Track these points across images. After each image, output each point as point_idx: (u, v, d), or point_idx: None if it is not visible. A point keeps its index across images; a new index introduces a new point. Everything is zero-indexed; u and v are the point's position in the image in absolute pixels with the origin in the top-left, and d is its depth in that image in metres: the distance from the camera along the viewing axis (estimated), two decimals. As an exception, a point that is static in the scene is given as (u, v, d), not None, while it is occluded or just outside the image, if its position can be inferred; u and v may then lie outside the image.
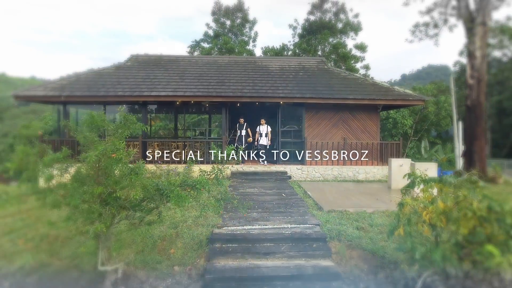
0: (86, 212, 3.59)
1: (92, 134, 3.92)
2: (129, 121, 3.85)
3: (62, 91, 10.58)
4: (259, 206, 7.16)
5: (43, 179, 4.19)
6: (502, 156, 38.17)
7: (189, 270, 5.09)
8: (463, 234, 3.48)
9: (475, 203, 3.50)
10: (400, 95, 11.23)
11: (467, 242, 3.51)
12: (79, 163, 4.10)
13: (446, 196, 3.66)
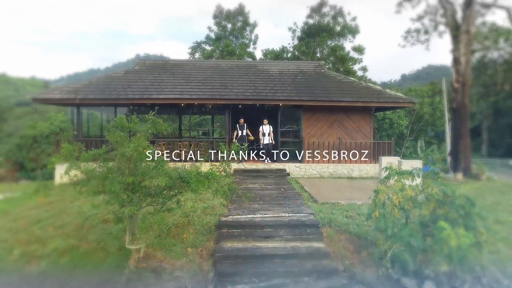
0: (121, 197, 4.44)
1: (123, 134, 4.77)
2: (157, 123, 4.71)
3: (76, 94, 11.45)
4: (260, 199, 8.02)
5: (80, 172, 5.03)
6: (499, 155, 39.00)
7: (200, 251, 5.96)
8: (426, 215, 4.35)
9: (435, 189, 4.36)
10: (391, 98, 12.10)
11: (429, 221, 4.38)
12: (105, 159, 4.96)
13: (406, 182, 4.52)
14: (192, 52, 39.82)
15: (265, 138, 12.01)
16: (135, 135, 5.03)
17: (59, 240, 6.51)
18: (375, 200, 4.59)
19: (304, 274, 5.16)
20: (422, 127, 27.81)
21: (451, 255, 3.77)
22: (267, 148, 12.07)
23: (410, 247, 4.19)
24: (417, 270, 4.47)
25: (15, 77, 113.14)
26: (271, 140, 12.06)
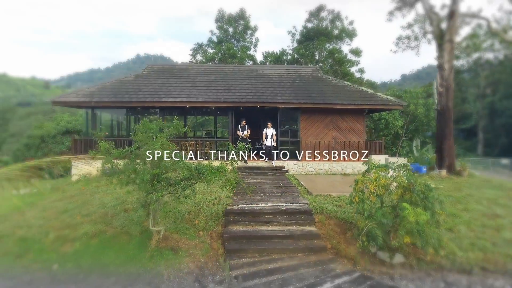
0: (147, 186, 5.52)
1: (148, 135, 5.86)
2: (178, 125, 5.79)
3: (92, 97, 12.53)
4: (261, 191, 9.11)
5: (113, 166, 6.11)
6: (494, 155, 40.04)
7: (210, 234, 7.05)
8: (395, 199, 5.44)
9: (403, 179, 5.44)
10: (382, 101, 13.18)
11: (398, 204, 5.46)
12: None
13: (384, 176, 5.60)
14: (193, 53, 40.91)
15: (267, 140, 12.84)
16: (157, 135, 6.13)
17: (88, 226, 7.60)
18: (355, 188, 5.67)
19: (298, 251, 6.24)
20: (417, 127, 28.91)
21: (411, 229, 4.85)
22: (269, 149, 12.95)
23: (382, 225, 5.27)
24: (389, 245, 5.56)
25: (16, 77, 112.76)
26: (273, 142, 12.87)
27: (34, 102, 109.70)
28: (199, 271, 5.81)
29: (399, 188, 5.38)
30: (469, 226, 6.47)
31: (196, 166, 5.49)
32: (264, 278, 5.31)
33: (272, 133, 12.87)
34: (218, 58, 27.41)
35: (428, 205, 5.08)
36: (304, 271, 5.53)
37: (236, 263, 5.81)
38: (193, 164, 5.99)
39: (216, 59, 27.65)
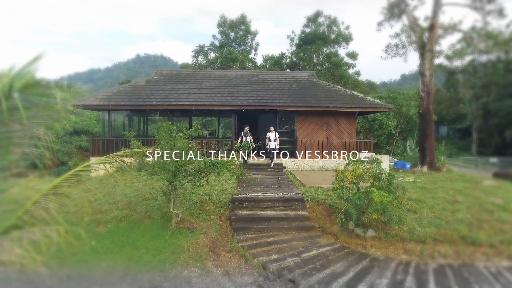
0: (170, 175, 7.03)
1: (169, 135, 7.37)
2: (197, 128, 7.30)
3: (109, 101, 14.04)
4: (261, 184, 10.62)
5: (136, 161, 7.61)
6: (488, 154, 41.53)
7: (219, 217, 8.56)
8: (368, 186, 6.96)
9: (374, 169, 6.95)
10: (370, 104, 14.69)
11: (369, 190, 6.97)
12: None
13: (361, 167, 7.11)
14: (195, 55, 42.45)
15: (271, 144, 13.73)
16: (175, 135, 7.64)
17: (116, 212, 9.11)
18: (336, 177, 7.19)
19: (292, 229, 7.75)
20: (411, 127, 30.44)
21: (378, 207, 6.37)
22: (272, 152, 13.87)
23: (356, 206, 6.79)
24: (363, 222, 7.08)
25: None
26: (276, 145, 13.75)
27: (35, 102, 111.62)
28: (212, 244, 7.32)
29: (370, 177, 6.89)
30: (431, 209, 7.98)
31: (210, 160, 7.00)
32: (264, 248, 6.82)
33: (274, 136, 13.76)
34: (221, 61, 28.91)
35: (392, 190, 6.60)
36: (295, 243, 7.04)
37: (242, 237, 7.32)
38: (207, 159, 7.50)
39: (218, 62, 29.14)
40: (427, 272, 5.68)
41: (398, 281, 5.39)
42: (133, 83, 16.17)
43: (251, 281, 5.76)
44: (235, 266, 6.33)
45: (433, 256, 6.24)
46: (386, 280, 5.40)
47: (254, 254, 6.54)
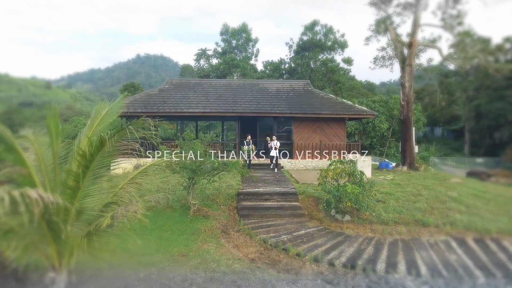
0: (190, 173, 9.15)
1: (193, 142, 9.49)
2: (213, 136, 9.37)
3: (128, 108, 16.13)
4: (262, 181, 12.74)
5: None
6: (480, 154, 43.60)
7: (228, 207, 10.68)
8: (345, 181, 9.09)
9: (349, 169, 9.08)
10: (358, 111, 16.81)
11: (345, 184, 9.09)
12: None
13: (341, 167, 9.23)
14: (197, 58, 44.55)
15: (272, 151, 15.30)
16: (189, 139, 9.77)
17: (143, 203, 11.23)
18: (321, 174, 9.32)
19: (286, 216, 9.87)
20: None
21: (350, 197, 8.49)
22: (273, 159, 15.44)
23: (335, 196, 8.91)
24: (341, 209, 9.20)
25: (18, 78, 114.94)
26: (277, 153, 15.27)
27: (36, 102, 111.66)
28: (223, 227, 9.43)
29: (346, 175, 9.01)
30: (397, 200, 10.10)
31: (222, 160, 9.12)
32: (265, 229, 8.95)
33: (276, 144, 15.24)
34: (223, 67, 31.01)
35: (362, 184, 8.72)
36: (289, 226, 9.16)
37: (247, 222, 9.45)
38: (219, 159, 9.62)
39: (221, 69, 31.24)
40: (384, 244, 7.81)
41: (361, 249, 7.51)
42: (147, 92, 18.28)
43: (254, 250, 7.89)
44: (242, 241, 8.45)
45: (391, 234, 8.36)
46: (352, 249, 7.53)
47: (257, 233, 8.66)
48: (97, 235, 4.85)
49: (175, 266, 7.34)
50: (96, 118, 5.65)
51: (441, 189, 11.32)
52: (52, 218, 4.34)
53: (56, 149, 5.28)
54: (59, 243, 4.87)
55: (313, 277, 6.50)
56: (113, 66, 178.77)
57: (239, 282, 6.48)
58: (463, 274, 6.25)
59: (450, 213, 9.07)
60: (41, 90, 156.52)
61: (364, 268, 6.56)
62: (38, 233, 4.86)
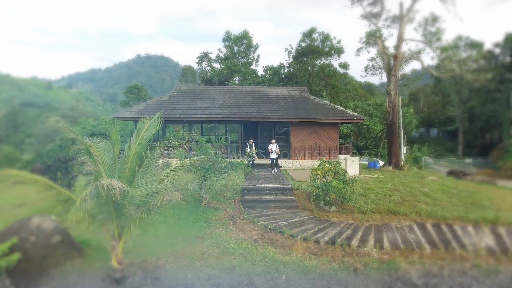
0: (203, 172, 11.19)
1: (205, 145, 11.52)
2: (222, 141, 11.44)
3: (142, 114, 18.11)
4: (263, 178, 14.77)
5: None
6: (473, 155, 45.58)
7: (234, 200, 12.72)
8: (332, 178, 11.14)
9: (335, 167, 11.12)
10: (349, 116, 18.83)
11: (331, 180, 11.14)
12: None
13: (328, 166, 11.27)
14: (199, 61, 46.57)
15: (272, 154, 16.94)
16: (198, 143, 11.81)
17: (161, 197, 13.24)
18: (312, 172, 11.35)
19: (283, 207, 11.90)
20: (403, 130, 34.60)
21: (335, 191, 10.53)
22: (273, 161, 17.07)
23: (323, 190, 10.95)
24: (328, 201, 11.24)
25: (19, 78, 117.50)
26: (276, 155, 16.90)
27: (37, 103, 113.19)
28: (230, 216, 11.46)
29: (332, 173, 11.04)
30: (376, 194, 12.12)
31: (230, 161, 11.15)
32: (265, 217, 10.97)
33: (275, 148, 16.88)
34: (225, 72, 33.03)
35: (345, 180, 10.75)
36: (285, 215, 11.19)
37: (250, 212, 11.48)
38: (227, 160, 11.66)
39: (223, 73, 33.25)
40: (361, 227, 9.83)
41: (341, 231, 9.54)
42: (158, 98, 20.32)
43: (256, 233, 9.92)
44: (246, 226, 10.49)
45: (368, 221, 10.39)
46: (335, 231, 9.56)
47: (258, 220, 10.70)
48: (147, 214, 6.87)
49: (194, 244, 9.38)
50: (141, 129, 7.67)
51: (416, 186, 13.35)
52: (118, 201, 6.36)
53: (116, 151, 7.29)
54: (121, 219, 6.91)
55: (302, 251, 8.54)
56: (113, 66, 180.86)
57: (245, 254, 8.51)
58: (415, 247, 8.29)
59: (418, 205, 11.09)
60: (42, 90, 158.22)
61: (341, 244, 8.59)
62: (105, 212, 6.89)
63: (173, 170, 7.78)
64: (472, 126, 50.09)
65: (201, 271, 7.76)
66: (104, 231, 7.39)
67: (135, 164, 7.24)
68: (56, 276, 7.48)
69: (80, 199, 5.76)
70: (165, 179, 7.56)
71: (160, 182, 7.53)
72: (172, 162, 9.04)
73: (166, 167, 8.38)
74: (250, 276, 7.37)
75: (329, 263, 7.74)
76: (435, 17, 16.63)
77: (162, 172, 7.86)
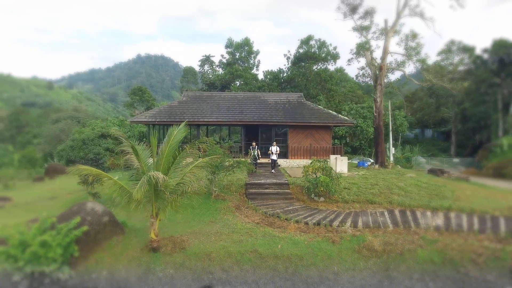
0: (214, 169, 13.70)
1: (215, 146, 14.02)
2: (230, 144, 13.87)
3: (155, 118, 20.65)
4: (263, 176, 17.28)
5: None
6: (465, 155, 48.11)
7: (239, 193, 15.24)
8: (320, 174, 13.68)
9: (323, 165, 13.65)
10: (340, 120, 21.33)
11: (320, 175, 13.67)
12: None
13: (318, 164, 13.79)
14: (201, 64, 49.07)
15: (273, 155, 19.25)
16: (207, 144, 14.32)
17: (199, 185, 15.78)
18: (304, 169, 13.86)
19: (280, 199, 14.41)
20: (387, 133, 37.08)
21: (322, 184, 13.06)
22: (273, 162, 19.53)
23: (313, 184, 13.47)
24: (318, 193, 13.75)
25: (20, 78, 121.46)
26: (277, 157, 19.28)
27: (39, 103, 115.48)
28: (236, 206, 13.95)
29: (321, 169, 13.54)
30: (358, 188, 14.62)
31: (237, 160, 13.65)
32: (265, 206, 13.48)
33: (276, 150, 19.20)
34: (228, 77, 35.54)
35: (331, 175, 13.26)
36: (281, 204, 13.70)
37: (253, 202, 13.99)
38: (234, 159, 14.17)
39: (225, 78, 35.76)
40: (342, 213, 12.34)
41: (326, 216, 12.04)
42: (169, 104, 22.85)
43: (258, 218, 12.41)
44: (250, 213, 12.98)
45: (349, 208, 12.89)
46: (321, 216, 12.07)
47: (260, 208, 13.20)
48: (179, 197, 9.38)
49: (208, 226, 11.88)
50: (171, 134, 10.12)
51: (394, 181, 15.84)
52: (159, 188, 8.86)
53: (154, 152, 9.79)
54: (158, 202, 9.41)
55: (294, 229, 11.04)
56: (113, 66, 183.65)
57: (250, 232, 10.99)
58: (381, 226, 10.79)
59: (392, 196, 13.59)
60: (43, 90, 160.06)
61: (325, 224, 11.10)
62: (147, 196, 9.38)
63: (195, 166, 10.26)
64: (464, 127, 52.74)
65: (216, 243, 10.25)
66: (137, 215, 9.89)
67: (169, 161, 9.74)
68: (106, 247, 9.99)
69: (139, 185, 8.27)
70: (189, 173, 10.03)
71: (185, 175, 10.01)
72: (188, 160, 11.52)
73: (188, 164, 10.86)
74: (254, 246, 9.85)
75: (314, 237, 10.24)
76: (415, 34, 19.14)
77: (186, 167, 10.34)
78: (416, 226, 10.59)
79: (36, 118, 79.21)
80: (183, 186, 9.89)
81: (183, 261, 9.44)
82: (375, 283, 8.47)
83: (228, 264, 9.29)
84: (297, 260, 9.18)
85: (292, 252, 9.39)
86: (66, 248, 8.69)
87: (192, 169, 10.15)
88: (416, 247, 9.10)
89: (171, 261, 9.47)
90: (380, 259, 8.98)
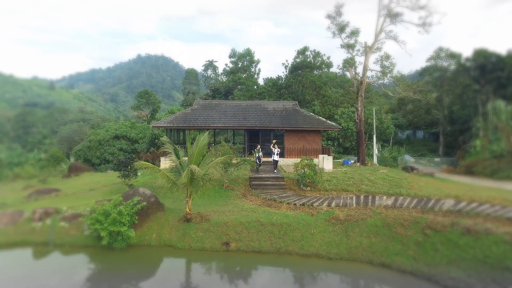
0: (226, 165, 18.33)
1: (225, 148, 18.64)
2: (239, 147, 18.48)
3: (173, 124, 25.24)
4: (264, 171, 21.90)
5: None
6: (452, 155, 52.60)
7: (245, 184, 19.89)
8: (307, 169, 18.34)
9: (309, 162, 18.29)
10: (328, 125, 25.94)
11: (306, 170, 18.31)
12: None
13: (305, 161, 18.44)
14: (205, 69, 53.71)
15: (274, 156, 23.44)
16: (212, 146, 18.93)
17: (194, 183, 20.46)
18: (294, 166, 18.49)
19: (276, 189, 19.05)
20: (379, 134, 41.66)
21: (309, 177, 17.70)
22: (276, 163, 24.61)
23: (301, 177, 18.12)
24: (305, 184, 18.41)
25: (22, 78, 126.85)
26: (277, 157, 23.62)
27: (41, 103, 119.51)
28: (243, 193, 18.56)
29: (308, 166, 18.15)
30: (337, 180, 19.23)
31: (243, 158, 18.25)
32: (265, 193, 18.11)
33: (276, 151, 23.54)
34: (231, 85, 40.14)
35: (315, 170, 17.87)
36: (277, 192, 18.32)
37: (255, 191, 18.63)
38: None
39: (228, 85, 40.36)
40: (322, 198, 16.93)
41: (310, 200, 16.65)
42: (184, 111, 27.49)
43: (259, 202, 17.01)
44: (253, 199, 17.59)
45: (327, 195, 17.50)
46: (306, 199, 16.68)
47: (261, 195, 17.83)
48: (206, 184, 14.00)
49: (223, 207, 16.46)
50: (199, 139, 14.69)
51: (367, 176, 20.45)
52: (195, 176, 13.45)
53: (188, 151, 14.38)
54: (191, 187, 14.02)
55: (286, 208, 15.64)
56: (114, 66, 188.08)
57: (254, 210, 15.57)
58: (347, 205, 15.41)
59: (361, 186, 18.21)
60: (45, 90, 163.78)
61: (308, 205, 15.72)
62: (185, 182, 13.96)
63: (216, 162, 14.85)
64: (452, 129, 57.47)
65: (230, 217, 14.83)
66: (167, 200, 14.48)
67: (198, 159, 14.34)
68: (153, 218, 14.60)
69: (183, 174, 12.86)
70: (211, 167, 14.63)
71: (209, 168, 14.59)
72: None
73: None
74: (257, 218, 14.45)
75: (299, 213, 14.85)
76: (387, 55, 23.75)
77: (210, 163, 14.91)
78: (372, 205, 15.19)
79: (42, 119, 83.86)
80: (208, 176, 14.47)
81: (208, 227, 14.05)
82: (338, 239, 13.10)
83: (239, 229, 13.89)
84: (287, 226, 13.79)
85: (284, 221, 14.00)
86: (131, 217, 13.31)
87: (214, 164, 14.75)
88: (367, 217, 13.71)
89: (200, 228, 14.08)
90: (343, 225, 13.60)
